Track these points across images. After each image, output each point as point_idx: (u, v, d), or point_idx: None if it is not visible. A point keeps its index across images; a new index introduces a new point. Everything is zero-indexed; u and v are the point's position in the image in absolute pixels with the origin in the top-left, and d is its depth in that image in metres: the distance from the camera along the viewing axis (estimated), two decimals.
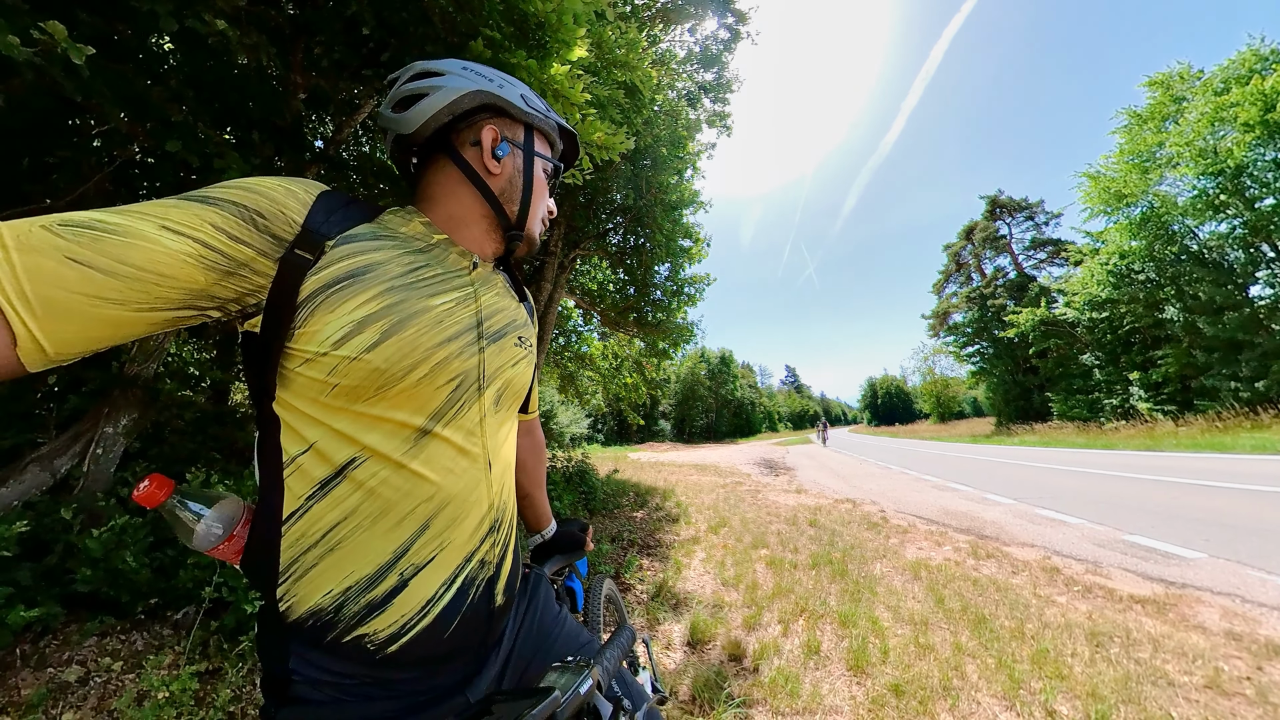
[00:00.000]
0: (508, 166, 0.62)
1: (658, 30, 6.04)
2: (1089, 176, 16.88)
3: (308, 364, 0.47)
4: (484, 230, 0.64)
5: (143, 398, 2.23)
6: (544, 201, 0.69)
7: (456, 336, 0.54)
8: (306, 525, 0.48)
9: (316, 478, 0.48)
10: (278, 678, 0.47)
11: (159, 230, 0.40)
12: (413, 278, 0.53)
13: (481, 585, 0.53)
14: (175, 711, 1.54)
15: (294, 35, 1.88)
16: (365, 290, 0.48)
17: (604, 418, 31.56)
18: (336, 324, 0.46)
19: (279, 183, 0.49)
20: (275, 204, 0.47)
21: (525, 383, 0.66)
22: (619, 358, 8.87)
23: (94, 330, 0.38)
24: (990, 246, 30.15)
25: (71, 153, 1.92)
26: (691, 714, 1.70)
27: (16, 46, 1.08)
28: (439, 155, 0.62)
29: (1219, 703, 1.65)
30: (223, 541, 0.53)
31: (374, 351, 0.47)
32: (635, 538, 4.20)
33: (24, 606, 1.59)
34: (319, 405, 0.48)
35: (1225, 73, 13.68)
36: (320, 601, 0.47)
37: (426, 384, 0.50)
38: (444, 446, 0.52)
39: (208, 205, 0.43)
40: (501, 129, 0.62)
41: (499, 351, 0.60)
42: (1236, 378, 13.23)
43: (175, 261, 0.40)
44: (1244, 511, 4.04)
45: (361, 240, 0.51)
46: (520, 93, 0.64)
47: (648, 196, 5.41)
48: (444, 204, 0.62)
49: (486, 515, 0.55)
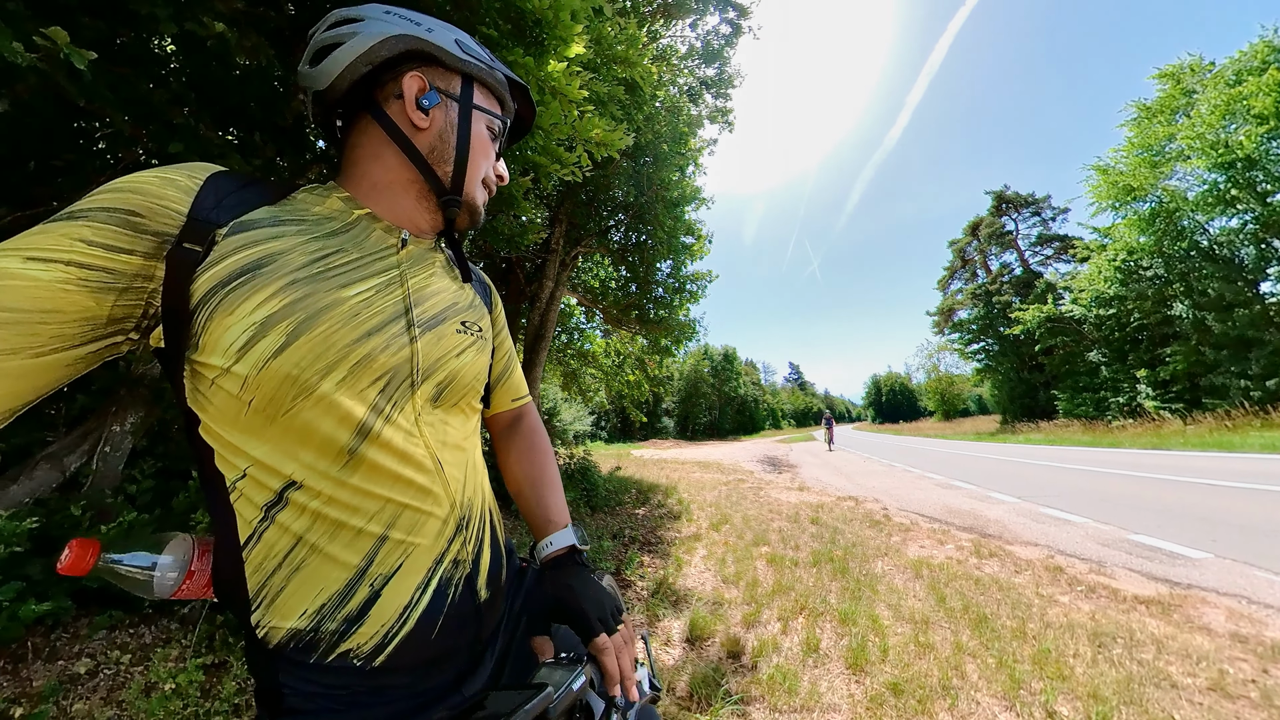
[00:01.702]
0: (437, 119, 0.54)
1: (658, 26, 6.01)
2: (1098, 169, 16.66)
3: (218, 381, 0.42)
4: (413, 198, 0.56)
5: (149, 396, 2.26)
6: (486, 162, 0.60)
7: (380, 328, 0.48)
8: (264, 551, 0.44)
9: (260, 504, 0.44)
10: (270, 691, 0.45)
11: (24, 264, 0.36)
12: (320, 266, 0.46)
13: (460, 584, 0.50)
14: (182, 703, 1.57)
15: (293, 36, 1.89)
16: (265, 286, 0.42)
17: (607, 415, 31.63)
18: (237, 328, 0.41)
19: (155, 174, 0.44)
20: (151, 199, 0.42)
21: (477, 372, 0.59)
22: (621, 355, 8.88)
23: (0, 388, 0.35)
24: (996, 242, 29.86)
25: (76, 156, 1.94)
26: (689, 710, 1.71)
27: (20, 52, 1.09)
28: (361, 114, 0.55)
29: (1223, 705, 1.64)
30: (183, 582, 0.49)
31: (282, 356, 0.42)
32: (637, 535, 4.21)
33: (35, 601, 1.63)
34: (240, 427, 0.43)
35: (1238, 64, 13.44)
36: (296, 624, 0.44)
37: (348, 387, 0.45)
38: (381, 453, 0.46)
39: (74, 221, 0.39)
40: (431, 78, 0.54)
41: (436, 340, 0.53)
42: (1246, 376, 13.06)
43: (52, 293, 0.36)
44: (1252, 512, 3.99)
45: (260, 227, 0.46)
46: (455, 38, 0.56)
47: (649, 193, 5.40)
48: (366, 170, 0.55)
49: (450, 515, 0.51)
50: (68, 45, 1.08)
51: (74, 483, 2.09)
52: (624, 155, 5.01)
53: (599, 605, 0.57)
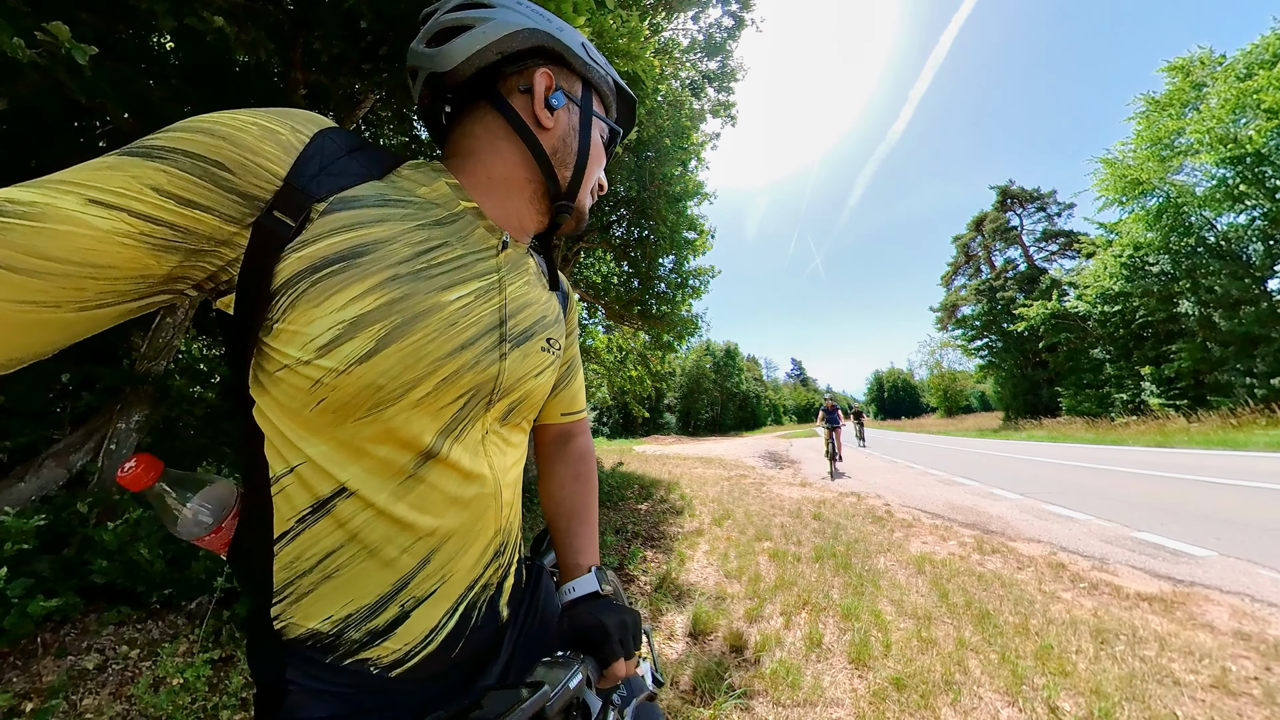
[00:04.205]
0: (562, 121, 0.52)
1: (660, 19, 5.94)
2: (1105, 162, 16.48)
3: (289, 369, 0.38)
4: (528, 198, 0.53)
5: (154, 394, 2.27)
6: (599, 170, 0.58)
7: (473, 342, 0.44)
8: (299, 550, 0.41)
9: (302, 505, 0.41)
10: (273, 686, 0.43)
11: (83, 205, 0.30)
12: (424, 261, 0.42)
13: (484, 606, 0.50)
14: (189, 697, 1.59)
15: (293, 30, 1.87)
16: (362, 279, 0.38)
17: (609, 411, 31.70)
18: (323, 323, 0.37)
19: (256, 118, 0.37)
20: (245, 151, 0.35)
21: (545, 395, 0.56)
22: (623, 351, 8.88)
23: (28, 338, 0.31)
24: (1000, 238, 29.66)
25: (78, 153, 1.94)
26: (692, 704, 1.72)
27: (21, 48, 1.08)
28: (480, 102, 0.51)
29: (1225, 703, 1.64)
30: (210, 532, 0.48)
31: (368, 364, 0.38)
32: (639, 530, 4.23)
33: (44, 597, 1.65)
34: (302, 421, 0.40)
35: (1248, 57, 13.24)
36: (319, 626, 0.42)
37: (429, 403, 0.42)
38: (444, 474, 0.44)
39: (150, 161, 0.33)
40: (557, 78, 0.51)
41: (523, 358, 0.50)
42: (1252, 373, 12.98)
43: (108, 246, 0.31)
44: (1257, 510, 3.98)
45: (363, 205, 0.40)
46: (581, 40, 0.53)
47: (651, 188, 5.37)
48: (483, 161, 0.51)
49: (492, 542, 0.49)
50: (69, 40, 1.07)
51: (80, 480, 2.11)
52: (626, 150, 4.98)
53: (624, 646, 0.56)
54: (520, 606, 0.61)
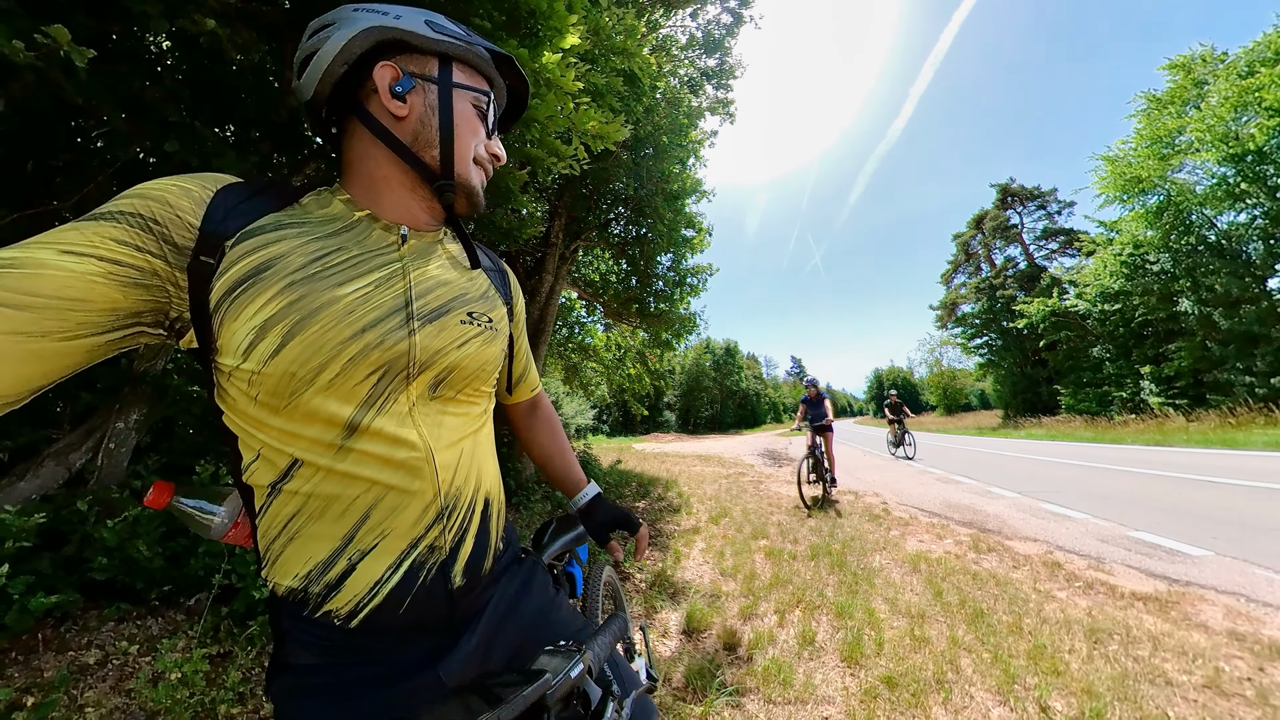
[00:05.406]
0: (415, 105, 0.54)
1: (658, 16, 5.92)
2: (1106, 159, 16.41)
3: (232, 377, 0.47)
4: (407, 191, 0.57)
5: (152, 394, 2.28)
6: (475, 139, 0.59)
7: (376, 323, 0.50)
8: (270, 519, 0.51)
9: (268, 481, 0.50)
10: (278, 632, 0.53)
11: (59, 256, 0.39)
12: (319, 265, 0.49)
13: (434, 569, 0.53)
14: (188, 691, 1.60)
15: (288, 31, 1.87)
16: (266, 289, 0.46)
17: (608, 409, 31.71)
18: (241, 332, 0.45)
19: (173, 182, 0.47)
20: (168, 207, 0.45)
21: (483, 363, 0.59)
22: (622, 349, 8.88)
23: (27, 369, 0.38)
24: (1001, 236, 29.55)
25: (75, 156, 1.94)
26: (684, 701, 1.74)
27: (21, 50, 1.08)
28: (349, 117, 0.56)
29: (1217, 703, 1.65)
30: (230, 529, 0.62)
31: (278, 357, 0.45)
32: None
33: (45, 593, 1.66)
34: (250, 417, 0.49)
35: (1250, 55, 13.16)
36: (291, 583, 0.50)
37: (340, 382, 0.48)
38: (373, 442, 0.50)
39: (103, 221, 0.42)
40: (404, 65, 0.54)
41: (438, 332, 0.54)
42: (1251, 372, 12.95)
43: (84, 284, 0.40)
44: (1254, 509, 3.99)
45: (263, 233, 0.48)
46: (425, 19, 0.55)
47: (649, 186, 5.37)
48: (362, 170, 0.56)
49: (431, 504, 0.53)
50: (69, 43, 1.07)
51: (80, 479, 2.12)
52: (623, 148, 4.97)
53: (631, 516, 0.88)
54: (509, 587, 0.64)
